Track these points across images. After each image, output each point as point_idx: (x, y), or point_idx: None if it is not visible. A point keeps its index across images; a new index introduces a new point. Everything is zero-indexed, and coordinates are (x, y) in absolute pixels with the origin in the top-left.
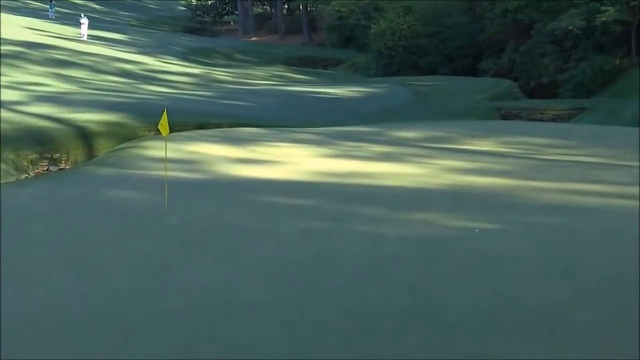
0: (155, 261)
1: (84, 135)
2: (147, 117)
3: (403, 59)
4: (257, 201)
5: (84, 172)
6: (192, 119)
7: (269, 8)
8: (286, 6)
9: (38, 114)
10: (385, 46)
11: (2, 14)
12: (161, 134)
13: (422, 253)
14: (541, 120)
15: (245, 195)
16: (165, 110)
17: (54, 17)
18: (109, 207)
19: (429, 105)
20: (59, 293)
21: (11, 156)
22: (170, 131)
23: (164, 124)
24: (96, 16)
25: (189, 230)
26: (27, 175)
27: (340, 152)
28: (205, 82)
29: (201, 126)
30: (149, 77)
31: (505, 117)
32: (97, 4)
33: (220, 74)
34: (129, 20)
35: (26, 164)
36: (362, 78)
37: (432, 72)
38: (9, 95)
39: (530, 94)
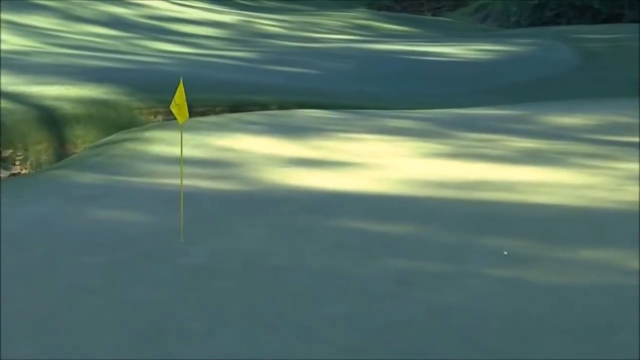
0: (166, 323)
1: (52, 120)
2: (152, 92)
3: None
4: (326, 228)
5: (51, 180)
6: (224, 95)
7: None
8: None
9: None
10: None
11: None
12: (175, 119)
13: (597, 314)
14: None
15: (306, 217)
16: (181, 82)
17: None
18: (92, 237)
19: (606, 74)
20: None
21: None
22: (190, 115)
23: (180, 103)
24: None
25: (217, 275)
26: None
27: (459, 149)
28: (243, 37)
29: (237, 107)
30: (155, 29)
31: None
32: None
33: (266, 23)
34: None
35: None
36: (496, 30)
37: (614, 18)
38: None
39: None
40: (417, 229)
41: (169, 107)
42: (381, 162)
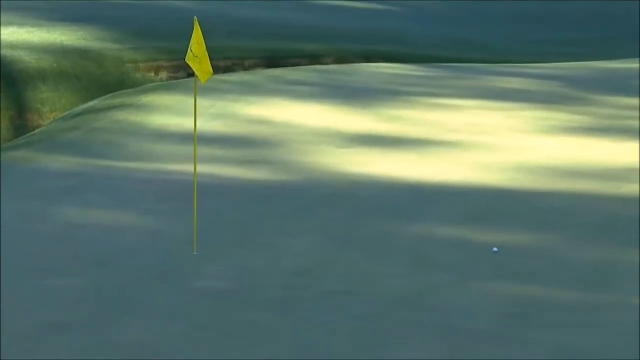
0: None
1: (6, 78)
2: (152, 37)
3: None
4: (404, 236)
5: (7, 166)
6: (256, 42)
7: None
8: None
9: None
10: None
11: None
12: (188, 77)
13: None
14: None
15: (376, 222)
16: (196, 23)
17: None
18: (66, 250)
19: None
20: None
21: None
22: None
23: (199, 54)
24: None
25: (246, 304)
26: None
27: (601, 120)
28: None
29: (276, 60)
30: None
31: None
32: None
33: None
34: None
35: None
36: None
37: None
38: None
39: None
40: (540, 239)
41: (176, 59)
42: (487, 140)
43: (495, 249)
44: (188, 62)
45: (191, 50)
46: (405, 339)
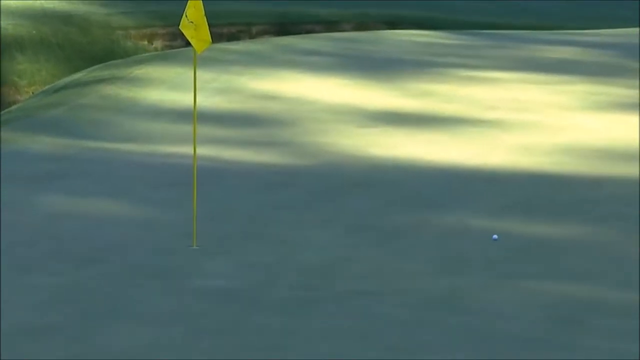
0: None
1: None
2: (145, 1)
3: None
4: (435, 229)
5: None
6: (264, 7)
7: None
8: None
9: None
10: None
11: None
12: (187, 46)
13: None
14: None
15: (403, 212)
16: None
17: None
18: (48, 243)
19: None
20: None
21: None
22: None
23: (196, 20)
24: None
25: (253, 306)
26: None
27: None
28: None
29: (287, 26)
30: None
31: None
32: None
33: None
34: None
35: None
36: None
37: None
38: None
39: None
40: (592, 232)
41: (173, 25)
42: (530, 118)
43: (495, 236)
44: (182, 30)
45: (186, 16)
46: (435, 345)
